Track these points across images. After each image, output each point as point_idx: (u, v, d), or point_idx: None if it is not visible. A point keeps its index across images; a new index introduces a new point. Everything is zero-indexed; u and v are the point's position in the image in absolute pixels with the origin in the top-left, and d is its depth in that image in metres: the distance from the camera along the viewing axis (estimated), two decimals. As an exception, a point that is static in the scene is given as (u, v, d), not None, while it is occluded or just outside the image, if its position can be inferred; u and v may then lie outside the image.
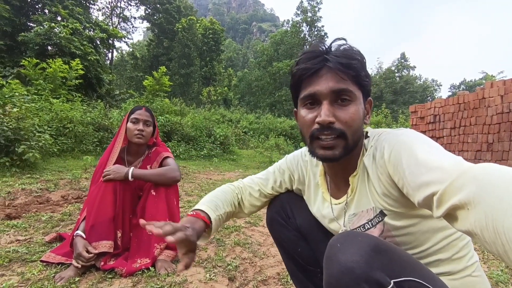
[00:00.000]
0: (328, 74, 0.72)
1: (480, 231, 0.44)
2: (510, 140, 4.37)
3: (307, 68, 0.73)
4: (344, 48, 0.74)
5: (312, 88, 0.73)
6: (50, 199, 2.98)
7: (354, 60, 0.72)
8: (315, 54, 0.74)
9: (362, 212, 0.78)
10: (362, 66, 0.73)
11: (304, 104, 0.77)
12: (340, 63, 0.70)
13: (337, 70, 0.71)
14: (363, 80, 0.73)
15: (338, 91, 0.71)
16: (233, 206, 1.01)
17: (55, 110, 6.35)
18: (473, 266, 0.75)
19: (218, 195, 0.99)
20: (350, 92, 0.71)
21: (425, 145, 0.63)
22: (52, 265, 1.53)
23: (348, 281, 0.52)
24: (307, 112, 0.75)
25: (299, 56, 0.77)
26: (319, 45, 0.75)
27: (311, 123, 0.74)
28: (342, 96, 0.71)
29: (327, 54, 0.73)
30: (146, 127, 1.83)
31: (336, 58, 0.71)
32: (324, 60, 0.72)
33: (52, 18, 14.15)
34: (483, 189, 0.45)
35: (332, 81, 0.71)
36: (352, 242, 0.56)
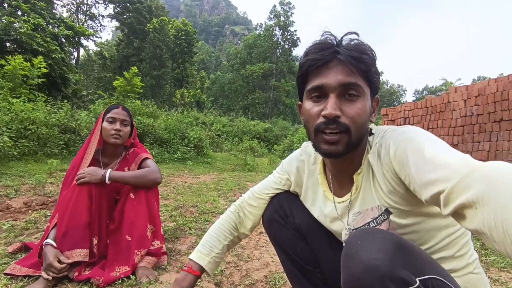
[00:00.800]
0: (338, 66, 0.70)
1: (489, 230, 0.43)
2: (473, 141, 4.66)
3: (316, 59, 0.71)
4: (355, 43, 0.72)
5: (320, 80, 0.71)
6: (11, 206, 2.73)
7: (366, 54, 0.70)
8: (325, 46, 0.71)
9: (367, 210, 0.77)
10: (373, 62, 0.72)
11: (310, 97, 0.74)
12: (352, 56, 0.68)
13: (347, 63, 0.69)
14: (372, 76, 0.72)
15: (347, 85, 0.69)
16: (232, 233, 1.07)
17: (15, 111, 5.89)
18: (473, 263, 0.76)
19: (216, 232, 1.07)
20: (358, 87, 0.70)
21: (432, 142, 0.62)
22: (18, 278, 1.38)
23: (372, 280, 0.49)
24: (313, 105, 0.73)
25: (308, 46, 0.74)
26: (329, 37, 0.73)
27: (316, 116, 0.72)
28: (350, 90, 0.70)
29: (338, 46, 0.71)
30: (123, 127, 1.73)
31: (347, 51, 0.69)
32: (335, 52, 0.70)
33: (12, 12, 13.19)
34: (492, 187, 0.44)
35: (342, 74, 0.69)
36: (374, 239, 0.53)
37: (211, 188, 4.40)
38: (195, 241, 2.04)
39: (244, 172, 7.34)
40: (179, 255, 1.80)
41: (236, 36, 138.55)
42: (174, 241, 2.04)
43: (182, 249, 1.89)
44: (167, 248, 1.81)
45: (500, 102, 4.30)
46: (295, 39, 36.81)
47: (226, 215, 1.10)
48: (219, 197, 3.76)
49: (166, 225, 2.35)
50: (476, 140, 4.64)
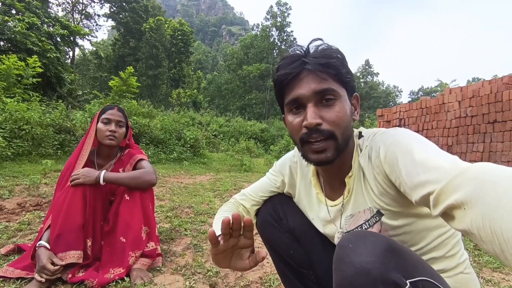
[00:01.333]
0: (308, 76, 0.71)
1: (477, 231, 0.44)
2: (467, 142, 4.71)
3: (287, 73, 0.73)
4: (322, 48, 0.74)
5: (294, 92, 0.73)
6: (4, 207, 2.70)
7: (333, 58, 0.71)
8: (293, 59, 0.73)
9: (359, 213, 0.77)
10: (342, 64, 0.73)
11: (290, 110, 0.76)
12: (319, 63, 0.70)
13: (317, 71, 0.70)
14: (344, 77, 0.73)
15: (321, 92, 0.70)
16: None
17: (9, 110, 5.82)
18: (464, 263, 0.77)
19: (230, 210, 1.01)
20: (333, 91, 0.71)
21: (421, 144, 0.63)
22: (11, 280, 1.37)
23: (364, 282, 0.50)
24: (294, 117, 0.75)
25: (278, 62, 0.76)
26: (297, 48, 0.75)
27: (299, 128, 0.73)
28: (326, 96, 0.71)
29: (305, 56, 0.73)
30: (118, 128, 1.72)
31: (314, 59, 0.71)
32: (302, 63, 0.72)
33: (6, 11, 13.06)
34: (480, 188, 0.45)
35: (314, 82, 0.71)
36: (365, 242, 0.54)
37: (207, 189, 4.39)
38: (190, 242, 2.03)
39: (241, 172, 7.34)
40: (174, 256, 1.79)
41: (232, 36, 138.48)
42: (169, 242, 2.03)
43: (177, 250, 1.88)
44: (162, 249, 1.81)
45: (494, 104, 4.34)
46: (291, 40, 36.90)
47: (232, 204, 1.06)
48: (215, 197, 3.75)
49: (162, 226, 2.34)
50: (470, 141, 4.69)
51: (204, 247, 1.96)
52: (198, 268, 1.62)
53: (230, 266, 0.75)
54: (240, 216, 0.66)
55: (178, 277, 1.52)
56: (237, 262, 0.74)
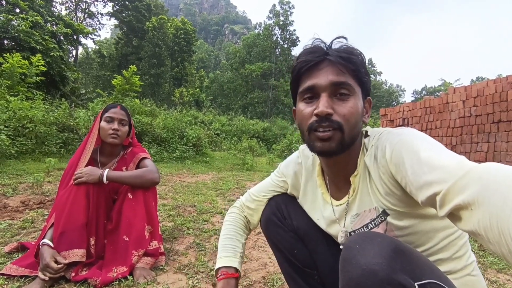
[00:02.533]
0: (328, 67, 0.72)
1: (484, 232, 0.43)
2: (471, 142, 4.67)
3: (307, 60, 0.73)
4: (345, 46, 0.74)
5: (311, 81, 0.73)
6: (8, 205, 2.72)
7: (354, 55, 0.72)
8: (315, 49, 0.74)
9: (364, 212, 0.77)
10: (362, 63, 0.73)
11: (302, 99, 0.76)
12: (341, 56, 0.71)
13: (337, 63, 0.71)
14: (362, 76, 0.73)
15: (338, 84, 0.71)
16: (245, 232, 1.07)
17: (13, 109, 5.86)
18: (471, 265, 0.76)
19: (231, 234, 1.04)
20: (349, 86, 0.71)
21: (427, 144, 0.62)
22: (15, 279, 1.38)
23: (371, 284, 0.49)
24: (306, 106, 0.75)
25: (300, 52, 0.77)
26: (320, 42, 0.76)
27: (309, 116, 0.73)
28: (341, 90, 0.71)
29: (327, 49, 0.74)
30: (121, 126, 1.72)
31: (336, 53, 0.72)
32: (324, 54, 0.72)
33: (10, 9, 13.12)
34: (486, 189, 0.44)
35: (332, 74, 0.71)
36: (372, 244, 0.53)
37: (209, 188, 4.40)
38: (193, 241, 2.03)
39: (243, 171, 7.33)
40: (177, 255, 1.79)
41: (235, 35, 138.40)
42: (172, 241, 2.03)
43: (180, 249, 1.88)
44: (165, 248, 1.81)
45: (499, 103, 4.30)
46: (294, 39, 36.80)
47: (234, 216, 1.09)
48: (218, 196, 3.75)
49: (164, 225, 2.34)
50: (474, 141, 4.65)
51: (207, 246, 1.95)
52: (201, 267, 1.62)
53: None
54: None
55: (181, 276, 1.52)
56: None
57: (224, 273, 0.92)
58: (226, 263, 0.94)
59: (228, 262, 0.95)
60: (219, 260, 0.97)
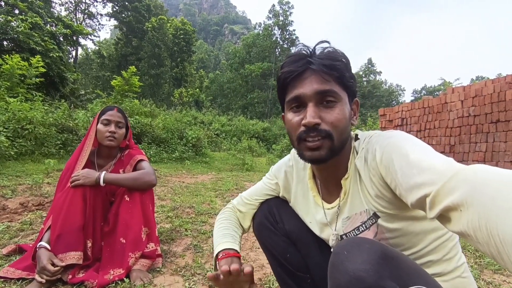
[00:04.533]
0: (312, 76, 0.72)
1: (473, 232, 0.44)
2: (469, 142, 4.68)
3: (291, 71, 0.73)
4: (328, 51, 0.74)
5: (297, 91, 0.73)
6: (7, 206, 2.72)
7: (338, 61, 0.72)
8: (298, 57, 0.74)
9: (355, 215, 0.77)
10: (346, 67, 0.74)
11: (290, 108, 0.77)
12: (324, 64, 0.71)
13: (320, 71, 0.71)
14: (347, 81, 0.74)
15: (323, 93, 0.71)
16: (240, 229, 1.06)
17: (12, 110, 5.86)
18: (462, 267, 0.76)
19: (227, 226, 1.02)
20: (334, 93, 0.72)
21: (417, 147, 0.63)
22: (12, 281, 1.38)
23: None
24: (293, 115, 0.75)
25: (284, 60, 0.77)
26: (303, 48, 0.76)
27: (297, 126, 0.74)
28: (327, 97, 0.72)
29: (310, 57, 0.73)
30: (118, 129, 1.72)
31: (319, 60, 0.72)
32: (307, 63, 0.72)
33: (9, 11, 13.11)
34: (475, 190, 0.45)
35: (316, 83, 0.71)
36: (360, 250, 0.54)
37: (208, 188, 4.40)
38: (190, 242, 2.04)
39: (243, 171, 7.34)
40: (174, 257, 1.79)
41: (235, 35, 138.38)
42: (169, 242, 2.04)
43: (177, 251, 1.89)
44: (162, 250, 1.81)
45: (497, 103, 4.31)
46: (294, 39, 36.78)
47: (229, 213, 1.07)
48: (217, 197, 3.76)
49: (162, 227, 2.35)
50: (473, 141, 4.66)
51: (205, 248, 1.96)
52: (198, 269, 1.63)
53: None
54: (239, 270, 0.75)
55: (177, 278, 1.53)
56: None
57: (226, 253, 0.89)
58: (226, 246, 0.91)
59: (229, 245, 0.92)
60: (218, 246, 0.93)
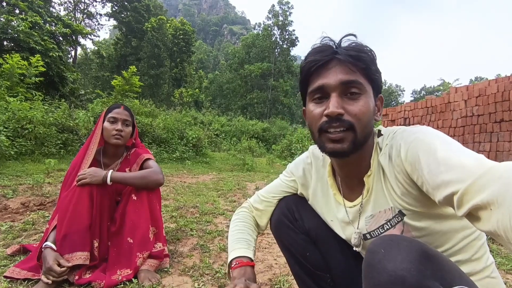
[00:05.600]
0: (337, 66, 0.70)
1: (504, 232, 0.42)
2: (473, 142, 4.66)
3: (316, 60, 0.71)
4: (355, 43, 0.72)
5: (321, 81, 0.71)
6: (8, 206, 2.69)
7: (364, 53, 0.70)
8: (324, 48, 0.72)
9: (379, 213, 0.75)
10: (372, 60, 0.71)
11: (312, 99, 0.74)
12: (350, 55, 0.69)
13: (346, 62, 0.69)
14: (373, 73, 0.72)
15: (348, 83, 0.69)
16: (256, 230, 1.03)
17: (12, 110, 5.82)
18: (490, 267, 0.74)
19: (242, 229, 1.00)
20: (359, 85, 0.69)
21: (444, 143, 0.61)
22: (18, 281, 1.35)
23: None
24: (316, 106, 0.73)
25: (308, 51, 0.75)
26: (328, 41, 0.73)
27: (319, 117, 0.71)
28: (352, 89, 0.69)
29: (337, 47, 0.72)
30: (125, 127, 1.69)
31: (345, 51, 0.69)
32: (333, 53, 0.70)
33: (10, 10, 13.07)
34: (507, 188, 0.43)
35: (341, 73, 0.69)
36: (399, 248, 0.51)
37: (210, 188, 4.37)
38: (196, 242, 2.01)
39: (243, 172, 7.32)
40: (181, 257, 1.76)
41: (234, 35, 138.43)
42: (175, 242, 2.01)
43: (184, 251, 1.86)
44: (168, 250, 1.78)
45: (501, 103, 4.29)
46: (293, 39, 36.80)
47: (243, 215, 1.05)
48: (219, 197, 3.73)
49: (167, 226, 2.32)
50: (476, 140, 4.64)
51: (211, 248, 1.93)
52: (206, 269, 1.60)
53: None
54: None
55: (186, 279, 1.50)
56: None
57: (239, 262, 0.87)
58: (240, 254, 0.90)
59: (242, 252, 0.90)
60: (232, 252, 0.91)
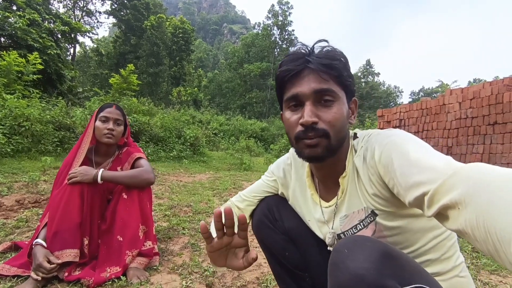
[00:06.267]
0: (310, 75, 0.72)
1: (471, 230, 0.44)
2: (467, 144, 4.70)
3: (289, 70, 0.73)
4: (326, 50, 0.74)
5: (294, 90, 0.73)
6: (3, 203, 2.70)
7: (336, 60, 0.72)
8: (297, 56, 0.74)
9: (353, 213, 0.77)
10: (344, 67, 0.73)
11: (288, 107, 0.77)
12: (322, 64, 0.71)
13: (318, 70, 0.71)
14: (345, 80, 0.74)
15: (320, 91, 0.71)
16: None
17: (9, 107, 5.82)
18: (460, 266, 0.76)
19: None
20: (332, 92, 0.71)
21: (416, 145, 0.63)
22: (7, 278, 1.37)
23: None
24: (291, 114, 0.75)
25: (282, 59, 0.77)
26: (302, 47, 0.75)
27: (295, 125, 0.74)
28: (325, 96, 0.71)
29: (309, 56, 0.73)
30: (116, 126, 1.71)
31: (317, 59, 0.71)
32: (305, 62, 0.72)
33: (7, 7, 13.01)
34: (474, 188, 0.45)
35: (314, 82, 0.71)
36: (361, 248, 0.53)
37: (206, 187, 4.39)
38: (188, 241, 2.03)
39: (240, 171, 7.33)
40: (172, 255, 1.79)
41: (234, 34, 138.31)
42: (166, 241, 2.03)
43: (174, 249, 1.88)
44: (159, 248, 1.81)
45: (495, 105, 4.33)
46: (293, 39, 36.82)
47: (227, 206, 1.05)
48: (214, 196, 3.75)
49: (159, 225, 2.34)
50: (470, 142, 4.68)
51: (202, 247, 1.95)
52: (195, 268, 1.62)
53: (226, 264, 0.78)
54: (231, 210, 0.68)
55: (174, 277, 1.52)
56: (233, 261, 0.77)
57: None
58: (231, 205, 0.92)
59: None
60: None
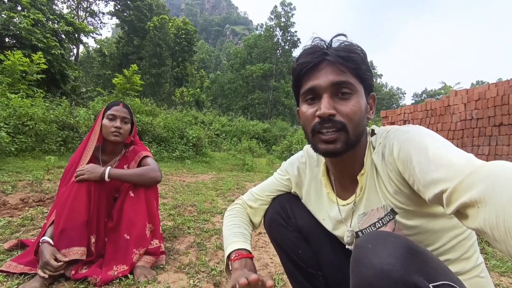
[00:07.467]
0: (327, 67, 0.71)
1: (490, 230, 0.43)
2: (472, 145, 4.67)
3: (306, 62, 0.72)
4: (344, 44, 0.73)
5: (312, 82, 0.72)
6: (7, 202, 2.70)
7: (354, 53, 0.71)
8: (314, 49, 0.73)
9: (372, 211, 0.76)
10: (362, 60, 0.72)
11: (305, 100, 0.76)
12: (340, 56, 0.70)
13: (336, 63, 0.70)
14: (363, 73, 0.72)
15: (338, 84, 0.70)
16: (250, 224, 1.03)
17: (13, 106, 5.84)
18: (480, 266, 0.75)
19: (237, 223, 0.99)
20: (350, 85, 0.70)
21: (435, 142, 0.62)
22: (14, 276, 1.37)
23: (384, 285, 0.48)
24: (308, 107, 0.74)
25: (300, 52, 0.76)
26: (319, 42, 0.74)
27: (312, 118, 0.73)
28: (343, 89, 0.70)
29: (327, 49, 0.72)
30: (123, 124, 1.71)
31: (335, 52, 0.71)
32: (323, 54, 0.71)
33: (12, 7, 13.08)
34: (494, 187, 0.44)
35: (332, 74, 0.70)
36: (385, 243, 0.52)
37: (209, 188, 4.38)
38: (193, 240, 2.02)
39: (243, 172, 7.32)
40: (178, 254, 1.78)
41: (236, 36, 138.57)
42: (172, 240, 2.02)
43: (180, 248, 1.87)
44: (165, 247, 1.80)
45: (500, 107, 4.30)
46: (295, 40, 36.82)
47: (238, 210, 1.04)
48: (218, 196, 3.74)
49: (165, 224, 2.33)
50: (475, 144, 4.65)
51: (208, 246, 1.94)
52: (202, 267, 1.61)
53: None
54: (257, 281, 0.67)
55: (181, 276, 1.51)
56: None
57: (239, 254, 0.85)
58: (239, 246, 0.88)
59: (241, 245, 0.89)
60: (230, 245, 0.89)
